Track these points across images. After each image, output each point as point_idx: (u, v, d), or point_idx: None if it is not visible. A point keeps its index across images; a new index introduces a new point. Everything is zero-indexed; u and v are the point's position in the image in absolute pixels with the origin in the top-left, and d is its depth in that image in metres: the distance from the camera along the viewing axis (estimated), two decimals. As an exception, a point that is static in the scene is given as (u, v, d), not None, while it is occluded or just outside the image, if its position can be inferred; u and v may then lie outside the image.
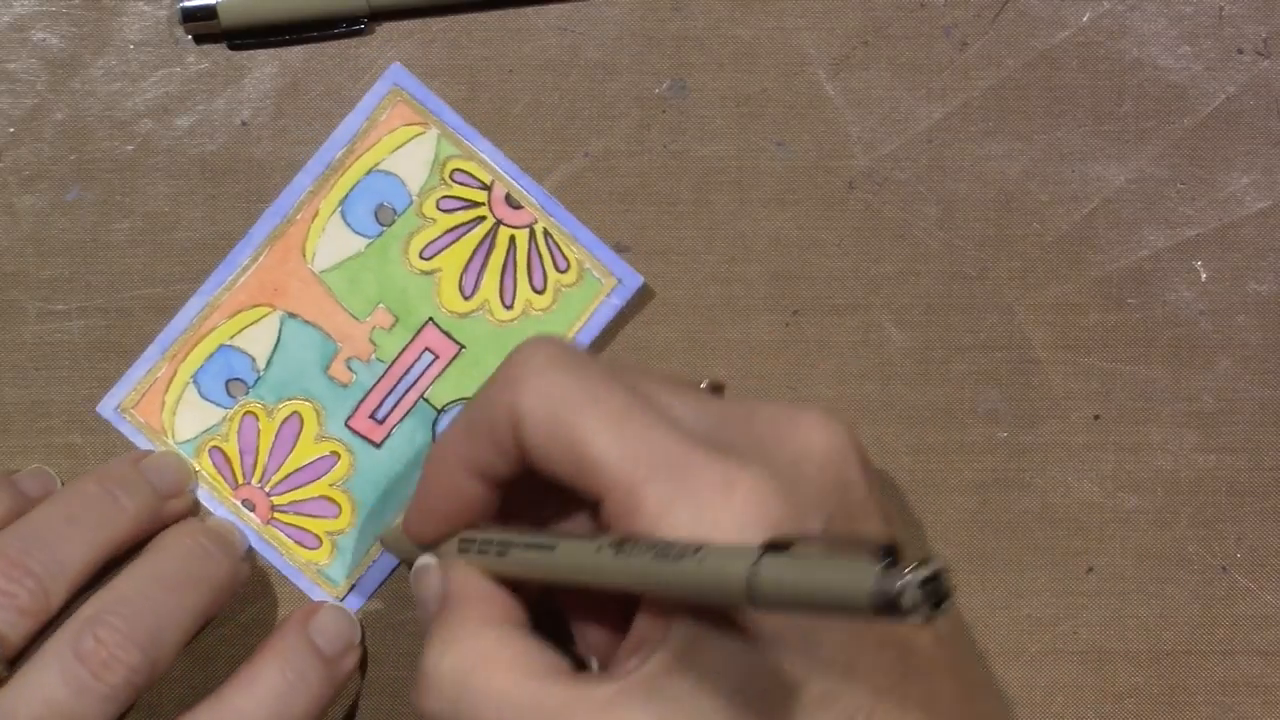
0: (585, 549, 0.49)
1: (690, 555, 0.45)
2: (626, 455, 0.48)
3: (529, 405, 0.49)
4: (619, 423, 0.48)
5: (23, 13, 0.59)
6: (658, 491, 0.48)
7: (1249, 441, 0.60)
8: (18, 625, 0.53)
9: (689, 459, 0.48)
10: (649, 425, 0.48)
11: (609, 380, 0.49)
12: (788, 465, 0.48)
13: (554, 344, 0.50)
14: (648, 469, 0.48)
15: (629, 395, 0.49)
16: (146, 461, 0.58)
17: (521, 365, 0.50)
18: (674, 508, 0.47)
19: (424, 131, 0.59)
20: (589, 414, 0.49)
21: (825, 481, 0.49)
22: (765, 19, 0.60)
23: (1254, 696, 0.60)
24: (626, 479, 0.48)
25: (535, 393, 0.49)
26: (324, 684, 0.56)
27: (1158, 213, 0.60)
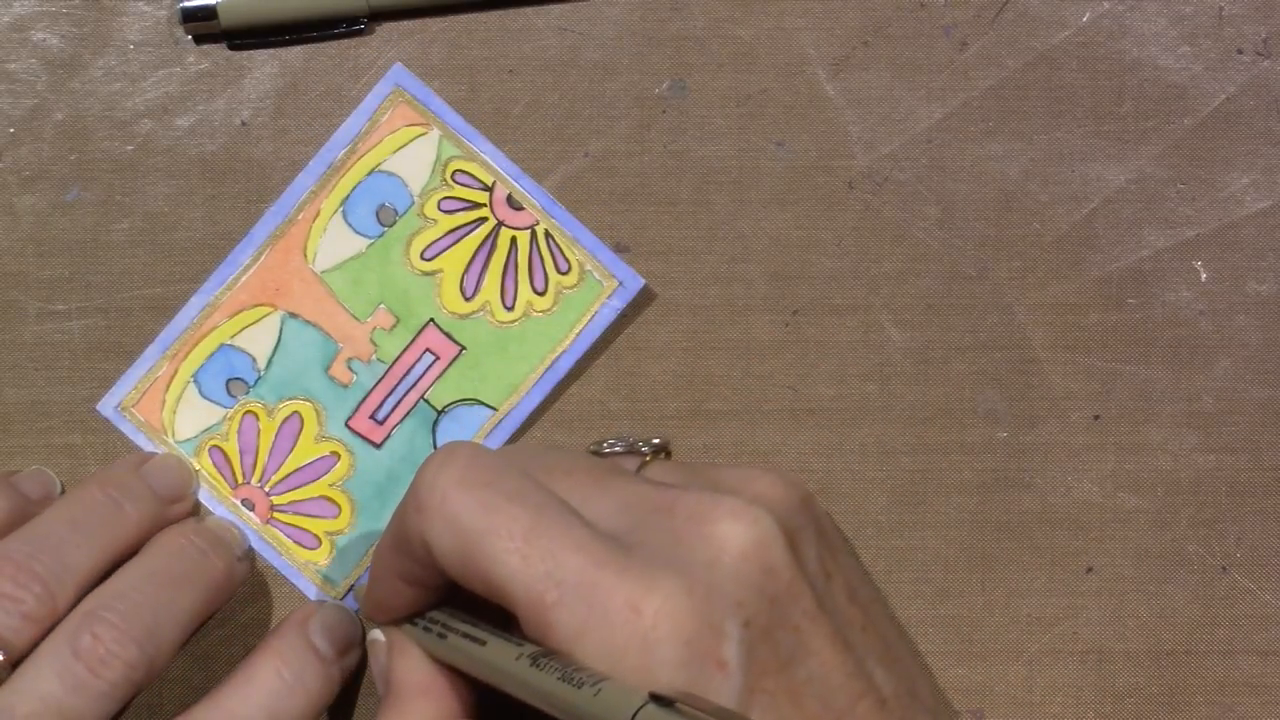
0: (509, 654, 0.49)
1: (589, 686, 0.46)
2: (534, 580, 0.48)
3: (435, 534, 0.49)
4: (525, 546, 0.48)
5: (23, 13, 0.59)
6: (567, 616, 0.48)
7: (1249, 441, 0.60)
8: (22, 631, 0.53)
9: (597, 579, 0.48)
10: (557, 545, 0.48)
11: (517, 496, 0.49)
12: (704, 566, 0.48)
13: (461, 459, 0.50)
14: (556, 593, 0.48)
15: (537, 511, 0.49)
16: (149, 465, 0.58)
17: (428, 489, 0.50)
18: (585, 632, 0.47)
19: (426, 132, 0.59)
20: (494, 540, 0.49)
21: (745, 575, 0.48)
22: (765, 19, 0.60)
23: (1254, 696, 0.60)
24: (537, 603, 0.48)
25: (440, 520, 0.49)
26: (322, 684, 0.56)
27: (1158, 213, 0.60)
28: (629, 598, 0.47)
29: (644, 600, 0.47)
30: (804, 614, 0.49)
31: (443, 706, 0.53)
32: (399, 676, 0.54)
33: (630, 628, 0.47)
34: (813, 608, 0.49)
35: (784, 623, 0.49)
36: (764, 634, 0.48)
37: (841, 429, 0.60)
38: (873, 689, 0.50)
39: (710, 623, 0.47)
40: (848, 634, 0.50)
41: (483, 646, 0.51)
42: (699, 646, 0.47)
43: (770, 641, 0.48)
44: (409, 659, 0.54)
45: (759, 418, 0.60)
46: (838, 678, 0.49)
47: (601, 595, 0.47)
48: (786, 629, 0.49)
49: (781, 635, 0.49)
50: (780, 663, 0.48)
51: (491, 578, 0.49)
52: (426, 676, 0.53)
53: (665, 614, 0.47)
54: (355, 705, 0.59)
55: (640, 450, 0.58)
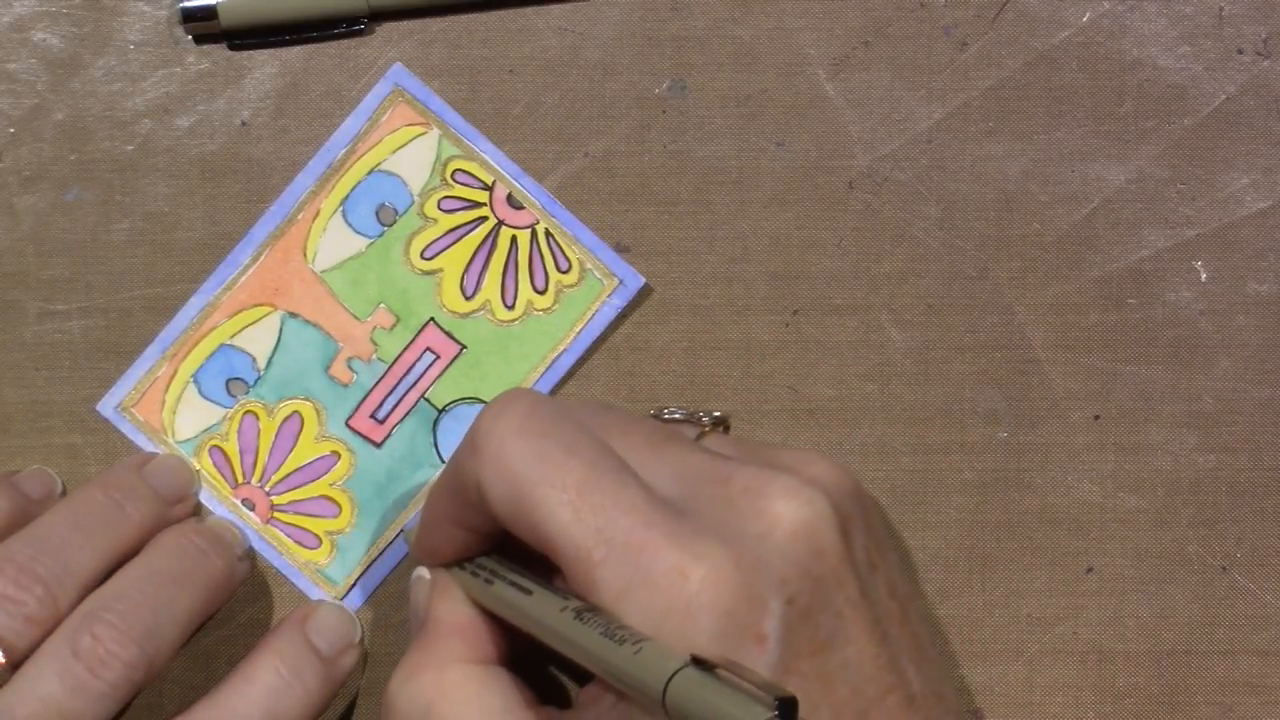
0: (554, 606, 0.49)
1: (630, 644, 0.46)
2: (584, 535, 0.48)
3: (490, 479, 0.50)
4: (578, 499, 0.48)
5: (23, 13, 0.59)
6: (613, 574, 0.48)
7: (1249, 441, 0.60)
8: (23, 633, 0.53)
9: (646, 541, 0.48)
10: (609, 502, 0.48)
11: (573, 449, 0.49)
12: (755, 540, 0.48)
13: (522, 406, 0.50)
14: (605, 549, 0.48)
15: (591, 466, 0.49)
16: (150, 466, 0.58)
17: (486, 434, 0.50)
18: (629, 591, 0.48)
19: (425, 132, 0.59)
20: (546, 491, 0.49)
21: (794, 553, 0.49)
22: (765, 19, 0.60)
23: (1254, 696, 0.60)
24: (584, 559, 0.48)
25: (496, 466, 0.49)
26: (321, 683, 0.56)
27: (1158, 213, 0.60)
28: (676, 562, 0.47)
29: (691, 567, 0.47)
30: (846, 600, 0.49)
31: (477, 648, 0.53)
32: (438, 614, 0.54)
33: (674, 592, 0.47)
34: (856, 595, 0.49)
35: (826, 606, 0.49)
36: (805, 614, 0.48)
37: (841, 429, 0.59)
38: (903, 684, 0.50)
39: (754, 596, 0.47)
40: (886, 626, 0.50)
41: (528, 596, 0.51)
42: (740, 618, 0.47)
43: (810, 622, 0.48)
44: (450, 599, 0.54)
45: (759, 418, 0.60)
46: (870, 668, 0.49)
47: (648, 557, 0.48)
48: (828, 613, 0.49)
49: (822, 618, 0.49)
50: (817, 645, 0.48)
51: (541, 528, 0.49)
52: (465, 618, 0.53)
53: (710, 582, 0.47)
54: (355, 705, 0.59)
55: (700, 420, 0.58)
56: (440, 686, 0.51)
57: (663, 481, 0.50)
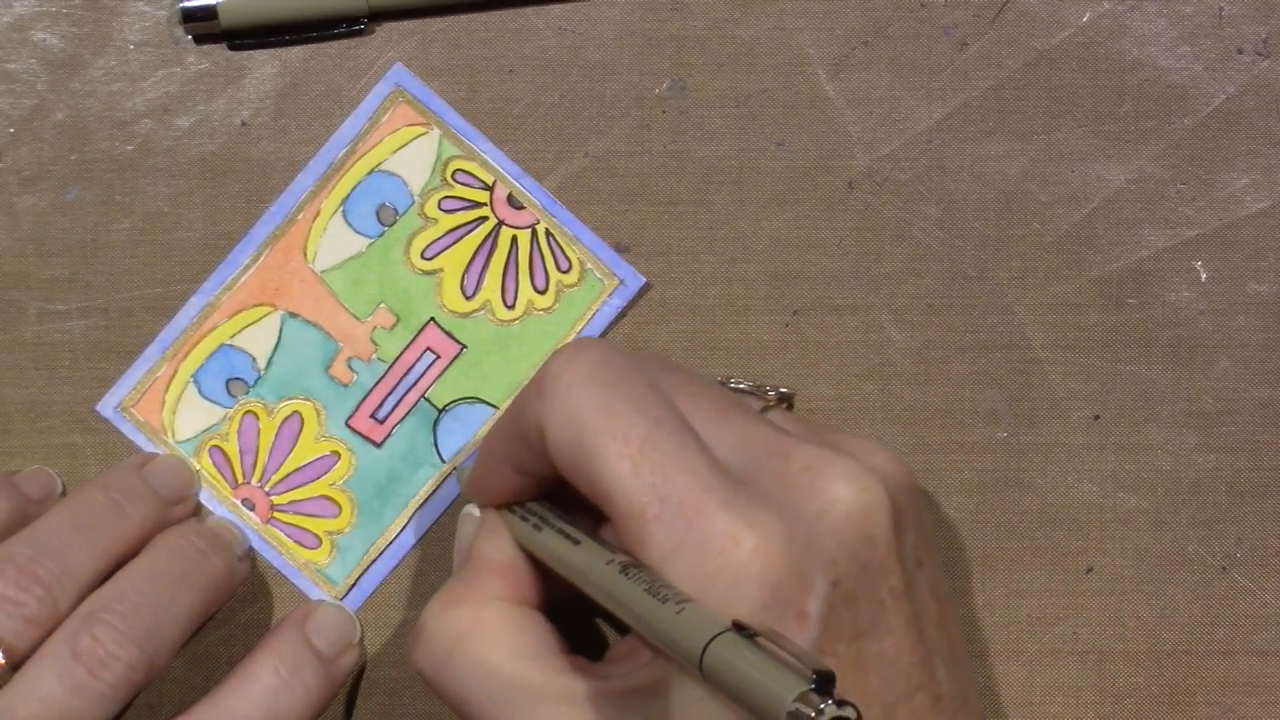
0: (600, 558, 0.49)
1: (673, 604, 0.46)
2: (640, 490, 0.48)
3: (553, 423, 0.50)
4: (638, 454, 0.48)
5: (23, 13, 0.59)
6: (664, 533, 0.48)
7: (1249, 441, 0.60)
8: (24, 634, 0.53)
9: (702, 503, 0.48)
10: (669, 461, 0.48)
11: (640, 404, 0.49)
12: (809, 518, 0.48)
13: (592, 355, 0.50)
14: (659, 507, 0.48)
15: (655, 423, 0.49)
16: (150, 467, 0.58)
17: (554, 379, 0.50)
18: (678, 552, 0.48)
19: (426, 132, 0.59)
20: (608, 442, 0.49)
21: (846, 537, 0.49)
22: (765, 19, 0.60)
23: (1254, 696, 0.60)
24: (637, 514, 0.48)
25: (560, 411, 0.49)
26: (320, 683, 0.56)
27: (1158, 213, 0.60)
28: (729, 529, 0.47)
29: (743, 535, 0.47)
30: (890, 591, 0.49)
31: (517, 589, 0.53)
32: (482, 551, 0.54)
33: (724, 558, 0.47)
34: (900, 587, 0.49)
35: (870, 594, 0.49)
36: (848, 599, 0.48)
37: (841, 429, 0.59)
38: (933, 683, 0.50)
39: (801, 573, 0.47)
40: (924, 624, 0.51)
41: (575, 546, 0.51)
42: (785, 593, 0.47)
43: (853, 608, 0.48)
44: (496, 538, 0.54)
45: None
46: (904, 663, 0.49)
47: (702, 520, 0.48)
48: (871, 601, 0.49)
49: (864, 606, 0.49)
50: (856, 631, 0.49)
51: (598, 479, 0.49)
52: (509, 559, 0.53)
53: (761, 553, 0.47)
54: (355, 705, 0.59)
55: (765, 394, 0.58)
56: (476, 620, 0.52)
57: (724, 449, 0.50)
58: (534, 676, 0.50)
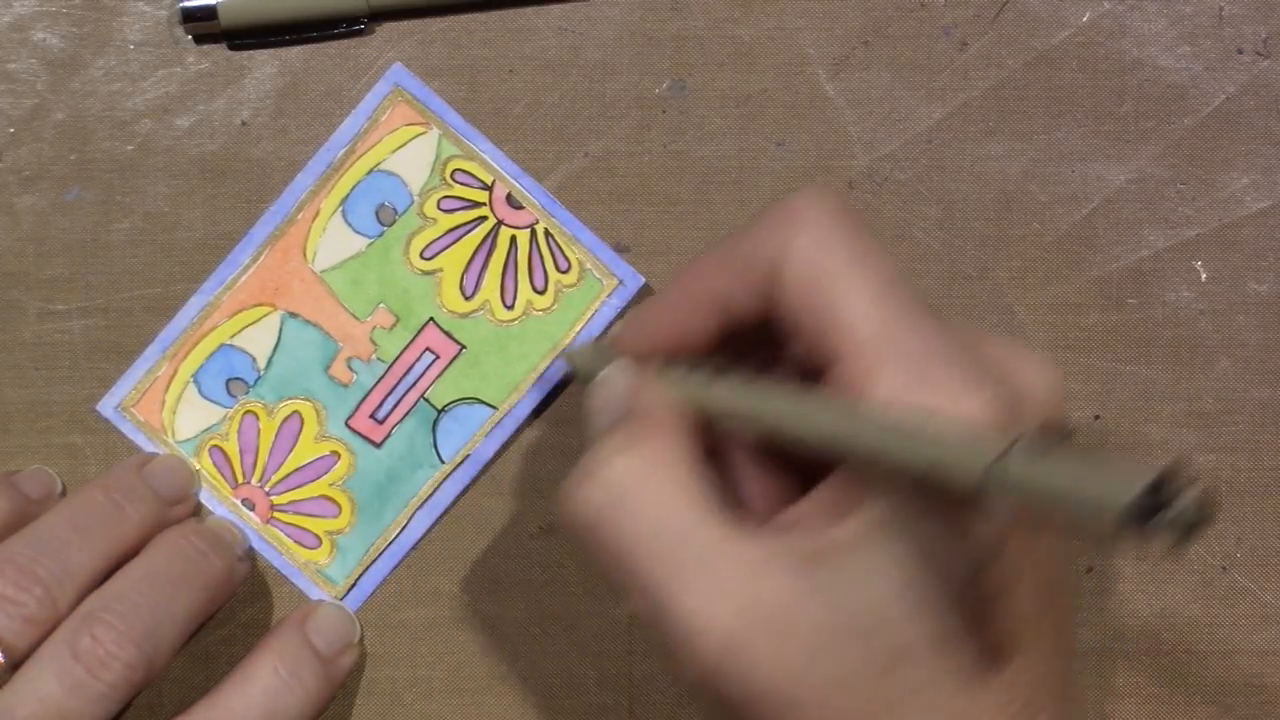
0: (812, 399, 0.47)
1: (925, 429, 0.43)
2: (879, 330, 0.47)
3: (796, 254, 0.48)
4: (882, 295, 0.47)
5: (23, 13, 0.59)
6: (896, 376, 0.46)
7: (1249, 441, 0.60)
8: (23, 634, 0.53)
9: (938, 353, 0.47)
10: (910, 307, 0.47)
11: (882, 251, 0.48)
12: (1017, 392, 0.47)
13: (834, 198, 0.49)
14: (893, 350, 0.47)
15: (897, 272, 0.48)
16: (150, 467, 0.58)
17: (800, 212, 0.48)
18: (907, 394, 0.46)
19: (425, 131, 0.59)
20: (855, 278, 0.47)
21: (1043, 419, 0.48)
22: (765, 19, 0.60)
23: (1254, 696, 0.60)
24: (871, 354, 0.47)
25: (806, 242, 0.48)
26: (320, 683, 0.56)
27: (1158, 213, 0.60)
28: (960, 384, 0.46)
29: (971, 392, 0.46)
30: None
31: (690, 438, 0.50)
32: (645, 401, 0.50)
33: (954, 407, 0.46)
34: None
35: None
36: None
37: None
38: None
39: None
40: None
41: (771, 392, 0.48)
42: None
43: None
44: (660, 389, 0.51)
45: (759, 418, 0.60)
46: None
47: (937, 369, 0.46)
48: None
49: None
50: None
51: (838, 309, 0.47)
52: (674, 411, 0.50)
53: (989, 409, 0.46)
54: (354, 705, 0.59)
55: None
56: (650, 466, 0.48)
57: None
58: (710, 529, 0.47)
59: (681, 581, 0.47)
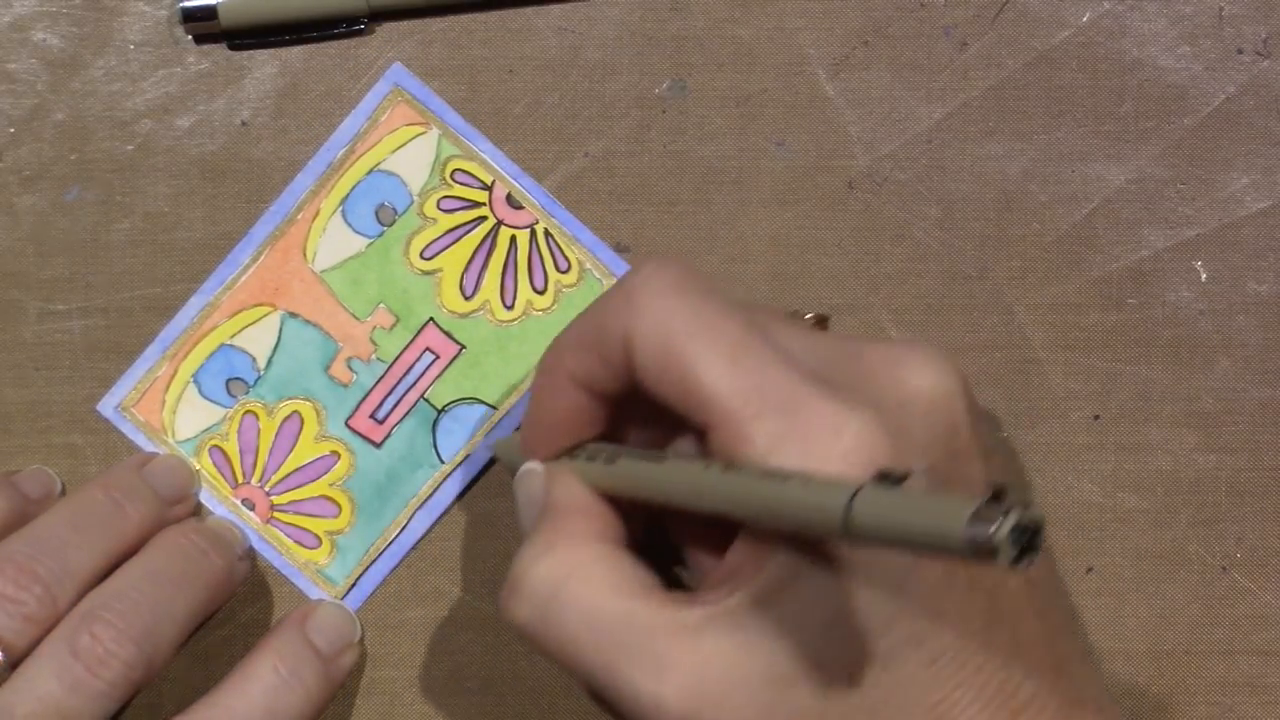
0: (693, 467, 0.48)
1: (796, 480, 0.44)
2: (739, 389, 0.48)
3: (643, 329, 0.49)
4: (734, 355, 0.48)
5: (23, 13, 0.59)
6: (767, 428, 0.47)
7: (1249, 441, 0.60)
8: (23, 632, 0.53)
9: (801, 397, 0.47)
10: (764, 360, 0.48)
11: (727, 310, 0.49)
12: (895, 407, 0.48)
13: (676, 267, 0.50)
14: (759, 404, 0.47)
15: (746, 328, 0.48)
16: (150, 467, 0.58)
17: (641, 287, 0.49)
18: (782, 445, 0.47)
19: (425, 131, 0.59)
20: (704, 344, 0.48)
21: (932, 424, 0.48)
22: (765, 19, 0.60)
23: (1254, 696, 0.60)
24: (737, 413, 0.48)
25: (651, 317, 0.49)
26: (320, 682, 0.56)
27: (1158, 213, 0.60)
28: (831, 419, 0.47)
29: (845, 423, 0.47)
30: (974, 480, 0.49)
31: (604, 528, 0.52)
32: (559, 498, 0.52)
33: (829, 447, 0.47)
34: (980, 475, 0.49)
35: (958, 479, 0.49)
36: (944, 484, 0.48)
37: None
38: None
39: (901, 456, 0.47)
40: None
41: (661, 464, 0.50)
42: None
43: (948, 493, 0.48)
44: (570, 484, 0.52)
45: (759, 418, 0.60)
46: None
47: (804, 413, 0.47)
48: (960, 486, 0.49)
49: (957, 491, 0.48)
50: None
51: (692, 382, 0.48)
52: (587, 500, 0.52)
53: (864, 439, 0.47)
54: (355, 705, 0.59)
55: (804, 318, 0.57)
56: (574, 564, 0.50)
57: (799, 353, 0.50)
58: (642, 611, 0.49)
59: (626, 670, 0.49)
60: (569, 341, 0.51)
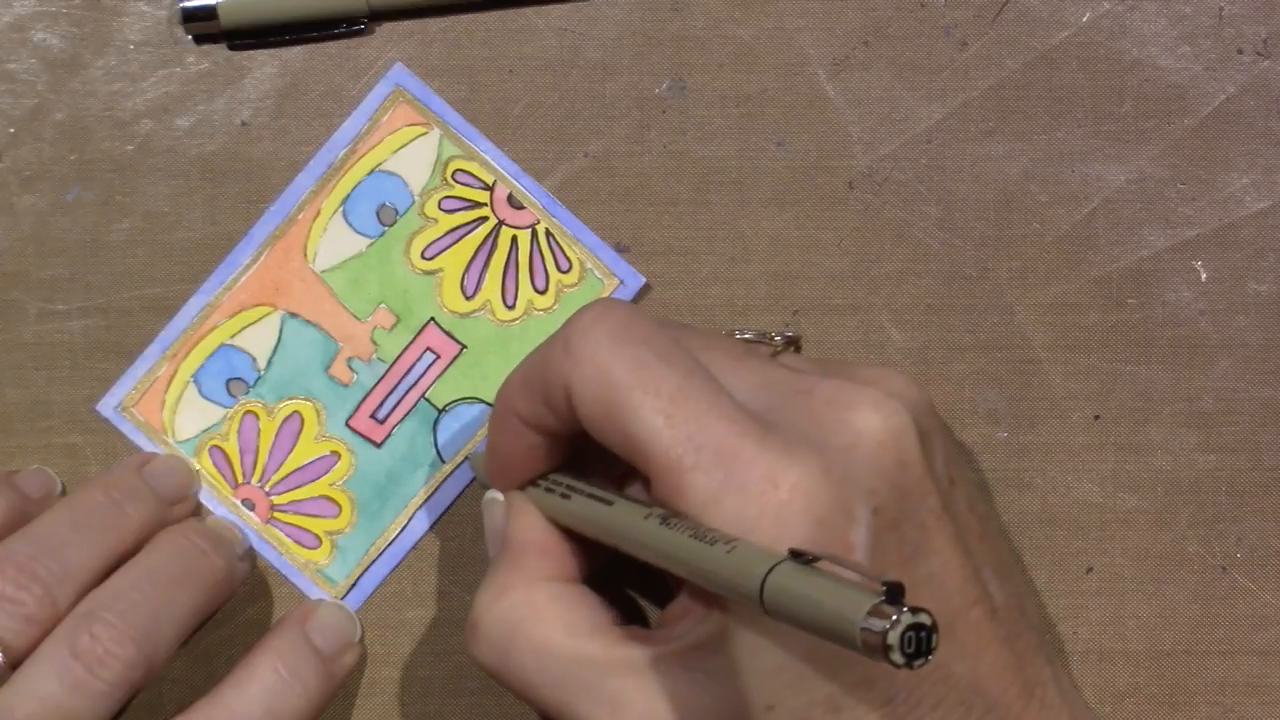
0: (636, 514, 0.49)
1: (722, 545, 0.46)
2: (675, 441, 0.48)
3: (581, 379, 0.49)
4: (671, 406, 0.48)
5: (23, 13, 0.59)
6: (704, 481, 0.48)
7: (1249, 441, 0.60)
8: (22, 633, 0.53)
9: (738, 448, 0.48)
10: (702, 410, 0.48)
11: (667, 358, 0.49)
12: (841, 450, 0.48)
13: (616, 314, 0.50)
14: (695, 456, 0.48)
15: (685, 375, 0.49)
16: (150, 467, 0.58)
17: (580, 337, 0.50)
18: (719, 498, 0.47)
19: (426, 132, 0.59)
20: (641, 396, 0.49)
21: (881, 465, 0.48)
22: (765, 19, 0.60)
23: (1254, 696, 0.60)
24: (674, 465, 0.48)
25: (590, 367, 0.49)
26: (320, 682, 0.56)
27: (1158, 213, 0.60)
28: (768, 470, 0.47)
29: (782, 474, 0.47)
30: (930, 512, 0.49)
31: (560, 566, 0.53)
32: (517, 533, 0.53)
33: (765, 499, 0.47)
34: (938, 507, 0.49)
35: (911, 518, 0.49)
36: (892, 525, 0.48)
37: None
38: (986, 597, 0.50)
39: (843, 506, 0.47)
40: (967, 540, 0.50)
41: (608, 506, 0.51)
42: (830, 528, 0.47)
43: (897, 533, 0.48)
44: (528, 518, 0.54)
45: (759, 418, 0.60)
46: (955, 580, 0.49)
47: (741, 464, 0.47)
48: (913, 524, 0.49)
49: (908, 529, 0.49)
50: (903, 557, 0.48)
51: (631, 433, 0.49)
52: (545, 536, 0.53)
53: (801, 490, 0.47)
54: (355, 705, 0.59)
55: (773, 340, 0.58)
56: (529, 605, 0.52)
57: (746, 393, 0.50)
58: (594, 651, 0.51)
59: (582, 708, 0.50)
60: (516, 385, 0.52)
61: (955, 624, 0.49)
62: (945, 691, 0.48)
